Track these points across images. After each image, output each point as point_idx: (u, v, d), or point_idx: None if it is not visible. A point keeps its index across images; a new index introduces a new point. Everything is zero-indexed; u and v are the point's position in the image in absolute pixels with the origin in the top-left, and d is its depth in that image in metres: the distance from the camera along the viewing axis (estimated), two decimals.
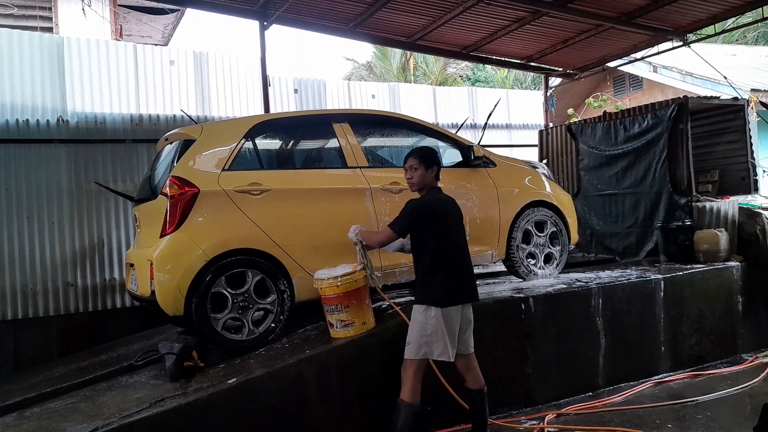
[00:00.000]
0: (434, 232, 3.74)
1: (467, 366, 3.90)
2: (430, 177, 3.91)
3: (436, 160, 3.96)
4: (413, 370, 3.69)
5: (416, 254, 3.85)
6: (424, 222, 3.76)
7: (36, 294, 6.74)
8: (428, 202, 3.83)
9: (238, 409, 3.76)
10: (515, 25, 8.19)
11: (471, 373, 3.91)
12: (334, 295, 4.14)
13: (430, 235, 3.74)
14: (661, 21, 8.19)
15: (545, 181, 5.90)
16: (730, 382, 5.26)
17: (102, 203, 7.06)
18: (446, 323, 3.66)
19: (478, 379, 3.92)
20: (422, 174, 3.89)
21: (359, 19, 8.00)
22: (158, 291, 4.21)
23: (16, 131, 6.81)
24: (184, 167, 4.40)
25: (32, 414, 3.97)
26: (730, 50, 16.12)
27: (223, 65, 8.34)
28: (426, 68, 20.94)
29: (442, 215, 3.80)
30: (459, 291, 3.76)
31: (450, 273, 3.74)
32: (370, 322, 4.31)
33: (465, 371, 3.91)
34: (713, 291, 6.03)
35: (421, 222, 3.76)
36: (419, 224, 3.77)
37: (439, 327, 3.65)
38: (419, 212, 3.77)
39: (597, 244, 7.95)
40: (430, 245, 3.74)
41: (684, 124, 6.90)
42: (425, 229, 3.76)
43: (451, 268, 3.76)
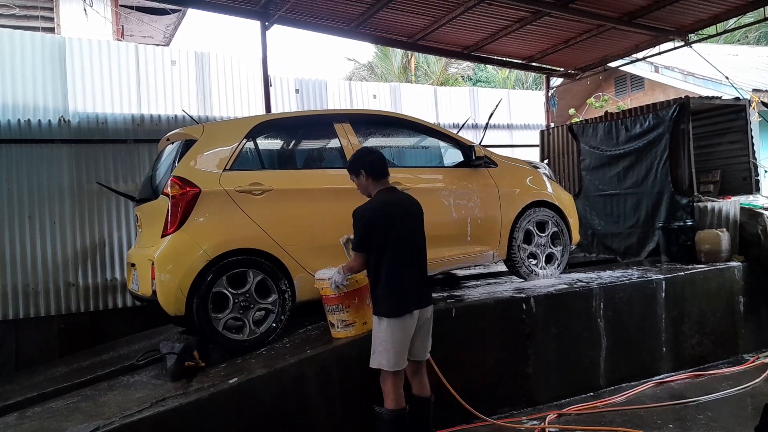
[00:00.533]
0: (377, 240, 3.62)
1: (416, 372, 3.82)
2: (366, 181, 3.80)
3: (358, 164, 3.82)
4: (390, 380, 3.61)
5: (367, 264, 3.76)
6: (370, 230, 3.63)
7: (37, 294, 6.75)
8: (367, 211, 3.68)
9: (239, 409, 3.76)
10: (516, 26, 8.19)
11: (418, 379, 3.83)
12: (335, 295, 4.13)
13: (373, 245, 3.63)
14: (663, 21, 8.19)
15: (546, 181, 5.90)
16: (731, 382, 5.25)
17: (103, 203, 7.08)
18: (396, 334, 3.57)
19: (424, 387, 3.84)
20: (357, 182, 3.85)
21: (360, 20, 8.01)
22: (159, 291, 4.21)
23: (17, 131, 6.82)
24: (186, 167, 4.40)
25: (33, 413, 3.98)
26: (732, 50, 16.11)
27: (224, 65, 8.35)
28: (427, 68, 20.95)
29: (384, 221, 3.63)
30: (406, 300, 3.61)
31: (396, 282, 3.61)
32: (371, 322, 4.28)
33: (412, 376, 3.82)
34: (715, 291, 6.03)
35: (369, 230, 3.64)
36: (369, 233, 3.63)
37: (389, 338, 3.57)
38: (363, 223, 3.65)
39: (598, 244, 7.94)
40: (374, 255, 3.65)
41: (685, 124, 6.89)
42: (372, 237, 3.63)
43: (397, 277, 3.62)
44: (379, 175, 3.82)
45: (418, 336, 3.72)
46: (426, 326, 3.79)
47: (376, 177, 3.81)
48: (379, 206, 3.71)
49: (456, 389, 4.60)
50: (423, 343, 3.80)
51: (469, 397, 4.64)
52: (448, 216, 5.19)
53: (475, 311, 4.80)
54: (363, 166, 3.82)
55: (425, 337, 3.80)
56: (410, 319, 3.62)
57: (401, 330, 3.59)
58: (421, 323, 3.72)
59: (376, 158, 3.87)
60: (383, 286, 3.63)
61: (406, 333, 3.61)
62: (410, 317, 3.62)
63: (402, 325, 3.59)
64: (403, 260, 3.65)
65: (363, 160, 3.85)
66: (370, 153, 3.94)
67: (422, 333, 3.76)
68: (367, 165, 3.82)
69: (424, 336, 3.78)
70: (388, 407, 3.63)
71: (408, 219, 3.77)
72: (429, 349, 3.87)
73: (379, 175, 3.82)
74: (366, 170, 3.81)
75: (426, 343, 3.83)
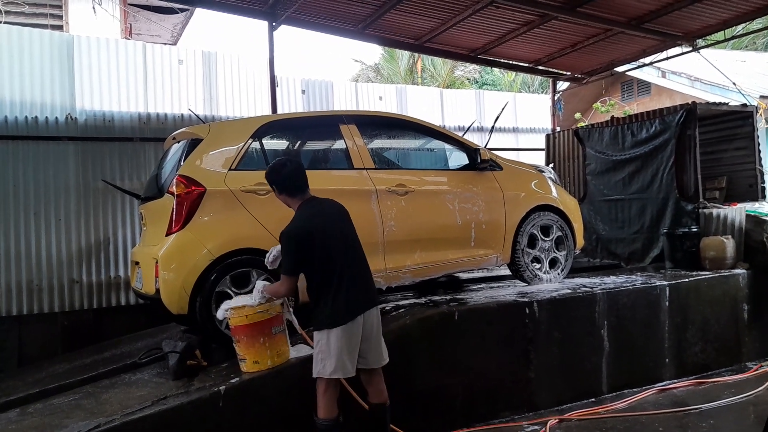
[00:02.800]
0: (310, 258, 3.53)
1: (369, 380, 3.72)
2: (280, 196, 3.73)
3: (269, 179, 3.73)
4: (323, 389, 3.56)
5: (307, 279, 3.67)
6: (300, 251, 3.52)
7: (41, 290, 6.77)
8: (293, 230, 3.55)
9: (240, 409, 3.77)
10: (524, 29, 8.18)
11: (373, 386, 3.73)
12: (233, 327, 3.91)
13: (304, 263, 3.55)
14: (671, 26, 8.17)
15: (551, 185, 5.89)
16: (734, 390, 5.23)
17: (109, 201, 7.10)
18: (338, 342, 3.48)
19: (381, 394, 3.74)
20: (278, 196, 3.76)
21: (368, 21, 8.01)
22: (163, 289, 4.22)
23: (24, 128, 6.85)
24: (191, 166, 4.41)
25: (35, 410, 3.99)
26: (740, 56, 16.03)
27: (231, 65, 8.37)
28: (434, 71, 20.93)
29: (312, 238, 3.51)
30: (347, 308, 3.52)
31: (334, 293, 3.52)
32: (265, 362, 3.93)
33: (366, 384, 3.74)
34: (719, 298, 6.00)
35: (298, 252, 3.52)
36: (298, 255, 3.52)
37: (329, 347, 3.49)
38: (292, 245, 3.52)
39: (602, 249, 7.92)
40: (307, 271, 3.59)
41: (692, 130, 6.87)
42: (304, 258, 3.54)
43: (334, 288, 3.52)
44: (293, 193, 3.69)
45: (368, 342, 3.61)
46: (374, 330, 3.66)
47: (290, 194, 3.70)
48: (303, 224, 3.58)
49: (458, 392, 4.61)
50: (375, 349, 3.67)
51: (471, 400, 4.65)
52: (453, 219, 5.18)
53: (477, 315, 4.79)
54: (273, 183, 3.74)
55: (376, 341, 3.68)
56: (353, 325, 3.52)
57: (342, 338, 3.49)
58: (369, 328, 3.61)
59: (286, 174, 3.69)
60: (324, 300, 3.54)
61: (349, 341, 3.51)
62: (353, 324, 3.51)
63: (342, 334, 3.49)
64: (339, 270, 3.54)
65: (273, 176, 3.73)
66: (280, 167, 3.73)
67: (372, 338, 3.64)
68: (277, 182, 3.71)
69: (374, 341, 3.66)
70: (319, 416, 3.57)
71: (335, 226, 3.64)
72: (385, 355, 3.73)
73: (292, 193, 3.69)
74: (277, 187, 3.72)
75: (378, 348, 3.69)
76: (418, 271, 5.05)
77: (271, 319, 3.89)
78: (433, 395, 4.52)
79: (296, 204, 3.70)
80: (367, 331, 3.61)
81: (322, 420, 3.56)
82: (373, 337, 3.66)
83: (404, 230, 4.93)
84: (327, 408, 3.56)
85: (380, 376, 3.75)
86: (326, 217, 3.65)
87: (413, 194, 5.02)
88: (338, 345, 3.50)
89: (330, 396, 3.57)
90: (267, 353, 3.90)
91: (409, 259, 4.99)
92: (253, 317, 3.84)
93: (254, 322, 3.85)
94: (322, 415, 3.57)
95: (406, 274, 4.98)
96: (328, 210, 3.72)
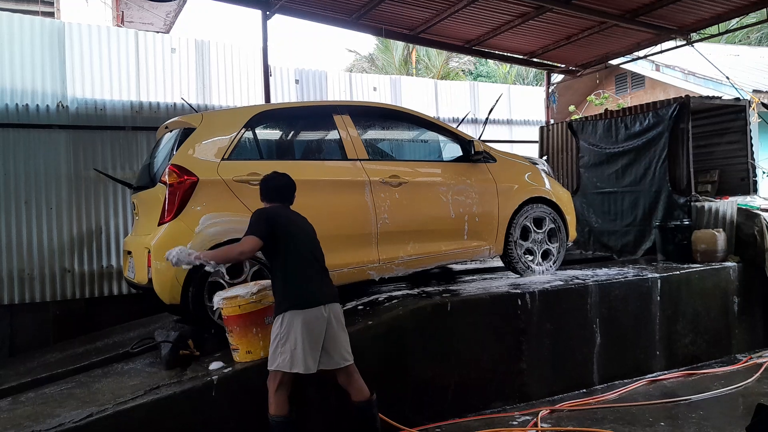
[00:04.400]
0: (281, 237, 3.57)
1: (348, 380, 3.67)
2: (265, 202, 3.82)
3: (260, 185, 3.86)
4: (276, 383, 3.51)
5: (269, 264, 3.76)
6: (272, 227, 3.57)
7: (33, 279, 6.74)
8: (270, 210, 3.71)
9: (233, 398, 3.77)
10: (518, 21, 8.16)
11: (353, 385, 3.68)
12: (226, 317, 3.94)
13: (277, 241, 3.57)
14: (665, 19, 8.17)
15: (545, 178, 5.90)
16: (723, 381, 5.28)
17: (101, 190, 7.06)
18: (296, 329, 3.44)
19: (362, 391, 3.68)
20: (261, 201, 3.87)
21: (362, 11, 7.97)
22: (155, 279, 4.21)
23: (15, 115, 6.79)
24: (184, 156, 4.39)
25: (27, 399, 3.99)
26: (734, 50, 16.08)
27: (224, 54, 8.31)
28: (428, 62, 20.86)
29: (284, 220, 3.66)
30: (310, 294, 3.53)
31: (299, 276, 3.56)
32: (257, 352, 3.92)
33: (347, 385, 3.68)
34: (709, 291, 6.05)
35: (271, 226, 3.57)
36: (270, 228, 3.56)
37: (292, 336, 3.45)
38: (267, 218, 3.61)
39: (595, 241, 7.96)
40: (278, 249, 3.59)
41: (685, 124, 6.89)
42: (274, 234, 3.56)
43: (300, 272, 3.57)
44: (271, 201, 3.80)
45: (330, 340, 3.54)
46: (335, 327, 3.58)
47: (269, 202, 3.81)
48: (278, 209, 3.74)
49: (450, 382, 4.63)
50: (336, 349, 3.58)
51: (463, 391, 4.67)
52: (446, 210, 5.19)
53: (470, 306, 4.81)
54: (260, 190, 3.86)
55: (341, 339, 3.62)
56: (316, 313, 3.49)
57: (303, 326, 3.45)
58: (334, 323, 3.57)
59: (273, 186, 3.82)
60: (288, 282, 3.54)
61: (310, 331, 3.46)
62: (315, 311, 3.49)
63: (303, 320, 3.45)
64: (305, 255, 3.61)
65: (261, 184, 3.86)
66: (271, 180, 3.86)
67: (334, 335, 3.57)
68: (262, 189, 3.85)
69: (339, 338, 3.60)
70: (270, 412, 3.53)
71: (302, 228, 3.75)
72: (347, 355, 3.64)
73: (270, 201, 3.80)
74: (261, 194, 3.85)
75: (340, 347, 3.61)
76: (411, 263, 5.06)
77: (263, 309, 3.89)
78: (424, 386, 4.53)
79: None
80: (333, 328, 3.56)
81: (273, 416, 3.52)
82: (335, 336, 3.59)
83: (397, 221, 4.93)
84: (279, 404, 3.52)
85: (356, 374, 3.69)
86: (297, 217, 3.80)
87: (407, 185, 5.02)
88: (296, 335, 3.44)
89: (283, 392, 3.53)
90: (260, 343, 3.90)
91: (402, 250, 5.00)
92: (245, 307, 3.85)
93: (247, 312, 3.86)
94: (274, 411, 3.52)
95: (399, 266, 4.99)
96: (299, 217, 3.82)
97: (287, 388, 3.56)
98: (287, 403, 3.55)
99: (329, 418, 4.07)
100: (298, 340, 3.45)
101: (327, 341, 3.54)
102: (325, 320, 3.53)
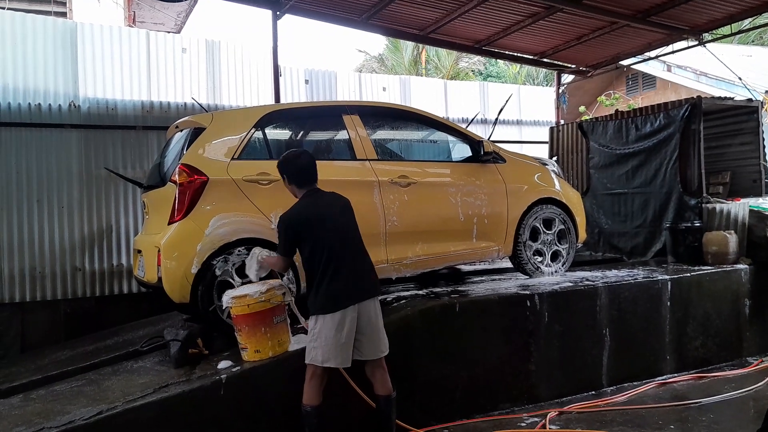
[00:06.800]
0: (307, 241, 3.62)
1: (373, 372, 3.75)
2: (289, 186, 3.82)
3: (281, 168, 3.83)
4: (309, 375, 3.63)
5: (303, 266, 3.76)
6: (295, 236, 3.64)
7: (44, 277, 6.80)
8: (291, 216, 3.68)
9: (241, 397, 3.79)
10: (529, 21, 8.13)
11: (377, 378, 3.75)
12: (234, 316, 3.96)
13: (304, 246, 3.64)
14: (677, 20, 8.11)
15: (554, 179, 5.88)
16: (734, 385, 5.24)
17: (111, 189, 7.11)
18: (328, 331, 3.53)
19: (385, 385, 3.75)
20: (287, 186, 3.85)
21: (372, 11, 7.97)
22: (165, 278, 4.23)
23: (28, 115, 6.85)
24: (194, 155, 4.41)
25: (38, 396, 4.01)
26: (746, 51, 15.95)
27: (234, 54, 8.33)
28: (438, 62, 20.85)
29: (309, 223, 3.62)
30: (340, 298, 3.56)
31: (328, 281, 3.57)
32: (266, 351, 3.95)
33: (371, 377, 3.77)
34: (720, 293, 6.00)
35: (293, 236, 3.65)
36: (293, 239, 3.66)
37: (320, 334, 3.56)
38: (288, 229, 3.66)
39: (605, 243, 7.91)
40: (305, 255, 3.65)
41: (696, 125, 6.84)
42: (299, 242, 3.65)
43: (329, 276, 3.57)
44: (302, 184, 3.79)
45: (364, 333, 3.63)
46: (372, 321, 3.66)
47: (299, 185, 3.79)
48: (302, 210, 3.69)
49: (458, 383, 4.62)
50: (372, 341, 3.67)
51: (471, 392, 4.66)
52: (455, 211, 5.18)
53: (479, 307, 4.80)
54: (285, 172, 3.83)
55: (373, 332, 3.67)
56: (344, 315, 3.54)
57: (333, 327, 3.53)
58: (365, 320, 3.62)
59: (300, 166, 3.80)
60: (317, 286, 3.61)
61: (340, 330, 3.53)
62: (344, 314, 3.54)
63: (334, 323, 3.53)
64: (334, 258, 3.59)
65: (286, 166, 3.83)
66: (294, 158, 3.84)
67: (369, 329, 3.64)
68: (290, 172, 3.82)
69: (371, 332, 3.66)
70: (303, 402, 3.64)
71: (332, 218, 3.69)
72: (382, 347, 3.73)
73: (301, 184, 3.79)
74: (289, 177, 3.82)
75: (375, 340, 3.69)
76: (419, 263, 5.05)
77: (272, 308, 3.90)
78: (433, 387, 4.53)
79: (300, 193, 3.80)
80: (363, 323, 3.62)
81: (305, 406, 3.64)
82: (370, 329, 3.66)
83: (406, 222, 4.93)
84: (310, 395, 3.63)
85: (384, 369, 3.77)
86: (324, 208, 3.72)
87: (416, 186, 5.01)
88: (327, 333, 3.55)
89: (315, 384, 3.63)
90: (268, 342, 3.92)
91: (410, 250, 4.99)
92: (254, 306, 3.86)
93: (256, 312, 3.87)
94: (305, 401, 3.64)
95: (407, 266, 4.98)
96: (329, 201, 3.78)
97: (320, 380, 3.65)
98: (319, 395, 3.64)
99: None
100: (329, 338, 3.55)
101: (361, 335, 3.63)
102: (354, 319, 3.58)
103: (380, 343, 3.74)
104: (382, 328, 3.77)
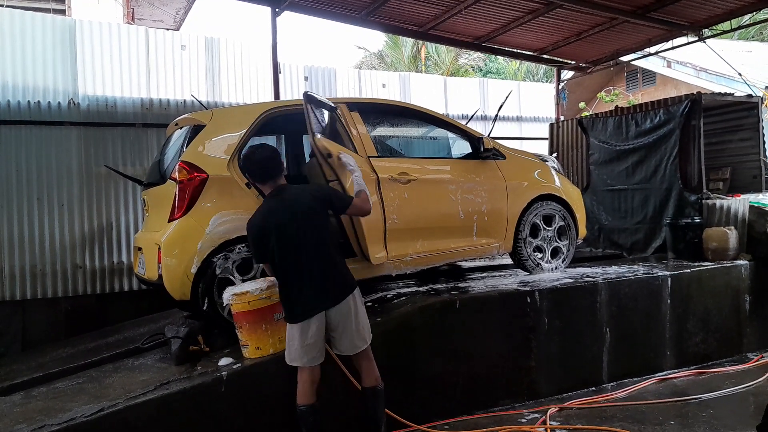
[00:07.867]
0: (266, 254, 3.63)
1: (358, 363, 3.78)
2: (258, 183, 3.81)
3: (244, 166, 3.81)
4: (298, 375, 3.67)
5: None
6: (256, 249, 3.69)
7: (45, 275, 6.80)
8: (250, 227, 3.68)
9: (242, 394, 3.79)
10: (528, 17, 8.13)
11: (362, 369, 3.78)
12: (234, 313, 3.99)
13: (266, 257, 3.67)
14: (677, 15, 8.10)
15: (554, 175, 5.88)
16: (734, 380, 5.24)
17: (111, 186, 7.11)
18: (296, 335, 3.60)
19: (370, 376, 3.77)
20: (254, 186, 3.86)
21: (371, 7, 7.96)
22: (165, 275, 4.23)
23: (27, 113, 6.85)
24: (194, 152, 4.40)
25: (39, 393, 4.02)
26: (746, 47, 15.92)
27: (234, 51, 8.33)
28: (437, 58, 20.83)
29: (267, 234, 3.57)
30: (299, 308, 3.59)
31: (287, 291, 3.63)
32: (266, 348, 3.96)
33: (357, 368, 3.81)
34: (720, 289, 6.00)
35: (254, 248, 3.71)
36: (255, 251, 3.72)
37: (290, 336, 3.65)
38: (250, 241, 3.73)
39: (605, 239, 7.91)
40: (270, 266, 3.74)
41: (696, 121, 6.83)
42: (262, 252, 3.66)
43: (288, 287, 3.62)
44: (264, 180, 3.72)
45: (336, 330, 3.65)
46: (343, 319, 3.63)
47: (262, 182, 3.75)
48: (259, 221, 3.64)
49: (458, 379, 4.63)
50: (346, 337, 3.66)
51: (471, 388, 4.67)
52: (455, 208, 5.17)
53: (479, 303, 4.80)
54: (246, 171, 3.82)
55: (347, 329, 3.65)
56: (308, 324, 3.56)
57: (299, 333, 3.58)
58: (335, 321, 3.62)
59: (255, 161, 3.71)
60: (280, 295, 3.71)
61: (305, 335, 3.57)
62: (308, 323, 3.56)
63: (299, 330, 3.58)
64: (291, 271, 3.58)
65: (245, 165, 3.82)
66: (250, 155, 3.75)
67: (341, 327, 3.64)
68: (250, 170, 3.80)
69: (344, 329, 3.64)
70: (297, 401, 3.67)
71: (295, 221, 3.57)
72: (358, 342, 3.69)
73: (264, 180, 3.73)
74: (251, 175, 3.83)
75: (350, 335, 3.67)
76: (419, 260, 5.05)
77: (272, 305, 3.91)
78: (433, 382, 4.54)
79: (266, 191, 3.76)
80: (334, 322, 3.63)
81: (299, 405, 3.67)
82: (343, 327, 3.65)
83: (406, 219, 4.92)
84: (301, 394, 3.66)
85: (368, 361, 3.77)
86: (282, 214, 3.60)
87: (416, 182, 5.01)
88: (292, 336, 3.63)
89: (302, 382, 3.65)
90: (269, 340, 3.93)
91: (410, 247, 4.99)
92: (255, 303, 3.87)
93: (256, 309, 3.88)
94: (298, 400, 3.67)
95: (407, 263, 4.98)
96: (290, 203, 3.63)
97: (309, 379, 3.65)
98: (311, 394, 3.65)
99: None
100: (295, 340, 3.62)
101: (334, 332, 3.66)
102: (322, 323, 3.61)
103: (356, 338, 3.69)
104: (360, 322, 3.72)
